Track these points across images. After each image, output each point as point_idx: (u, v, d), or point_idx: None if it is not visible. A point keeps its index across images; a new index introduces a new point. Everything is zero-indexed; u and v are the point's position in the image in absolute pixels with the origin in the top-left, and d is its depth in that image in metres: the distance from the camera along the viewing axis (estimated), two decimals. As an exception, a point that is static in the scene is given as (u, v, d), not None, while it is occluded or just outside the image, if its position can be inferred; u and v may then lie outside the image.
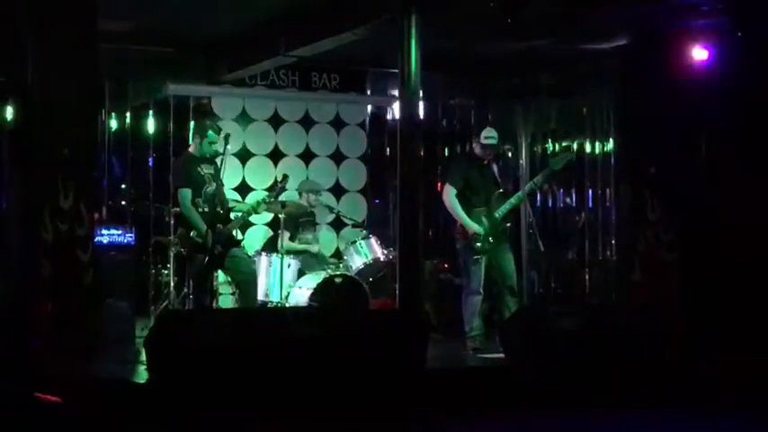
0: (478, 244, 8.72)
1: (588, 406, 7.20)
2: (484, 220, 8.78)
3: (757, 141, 9.11)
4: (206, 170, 8.49)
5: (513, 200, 8.89)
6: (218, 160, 8.55)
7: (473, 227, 8.74)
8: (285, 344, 6.73)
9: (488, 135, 8.93)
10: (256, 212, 9.01)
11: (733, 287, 8.94)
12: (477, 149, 9.03)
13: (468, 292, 8.83)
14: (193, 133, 8.72)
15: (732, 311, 8.79)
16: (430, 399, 7.07)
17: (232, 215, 8.70)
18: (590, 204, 11.71)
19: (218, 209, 8.47)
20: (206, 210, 8.35)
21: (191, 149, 8.67)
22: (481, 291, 8.78)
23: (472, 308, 8.77)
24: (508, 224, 8.92)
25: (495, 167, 9.06)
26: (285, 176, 9.22)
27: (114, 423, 6.30)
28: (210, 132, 8.53)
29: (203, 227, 8.20)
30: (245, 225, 10.15)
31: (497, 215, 8.81)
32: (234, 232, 8.67)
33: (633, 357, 7.74)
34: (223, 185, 8.76)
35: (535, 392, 7.35)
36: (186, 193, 8.35)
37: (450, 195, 8.87)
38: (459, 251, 8.95)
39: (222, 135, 8.57)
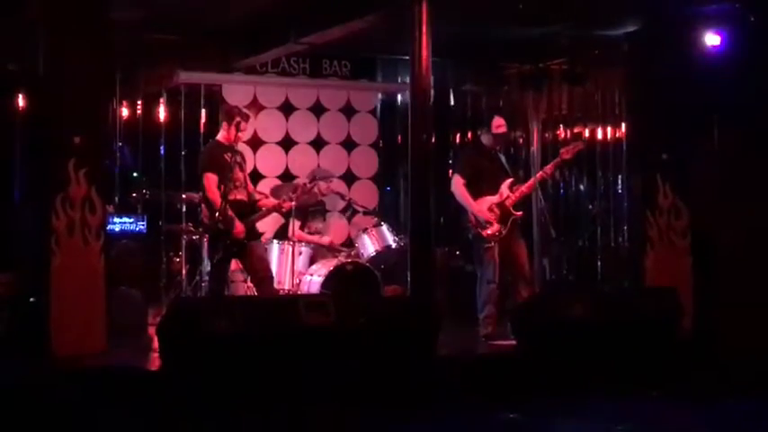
0: (488, 232, 8.71)
1: (601, 392, 7.20)
2: (494, 208, 8.77)
3: (769, 127, 9.09)
4: (231, 158, 8.44)
5: (523, 188, 8.87)
6: (239, 147, 8.53)
7: (484, 216, 8.72)
8: (297, 332, 6.74)
9: (499, 124, 8.92)
10: (280, 211, 8.99)
11: (746, 272, 8.91)
12: (486, 139, 9.01)
13: (481, 280, 8.81)
14: (221, 120, 8.69)
15: (744, 296, 8.77)
16: (441, 386, 7.08)
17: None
18: (602, 191, 11.70)
19: (244, 197, 8.45)
20: (235, 198, 8.31)
21: (218, 136, 8.62)
22: (495, 279, 8.75)
23: (486, 296, 8.75)
24: (519, 212, 8.89)
25: (502, 156, 9.04)
26: (314, 179, 9.39)
27: (127, 410, 6.32)
28: (239, 118, 8.48)
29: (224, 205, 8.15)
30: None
31: (507, 204, 8.78)
32: (254, 225, 8.61)
33: (645, 343, 7.74)
34: (246, 175, 8.71)
35: (547, 379, 7.35)
36: (212, 178, 8.26)
37: (458, 185, 8.85)
38: (471, 241, 8.94)
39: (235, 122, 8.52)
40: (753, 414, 6.79)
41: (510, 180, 8.91)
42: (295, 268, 9.57)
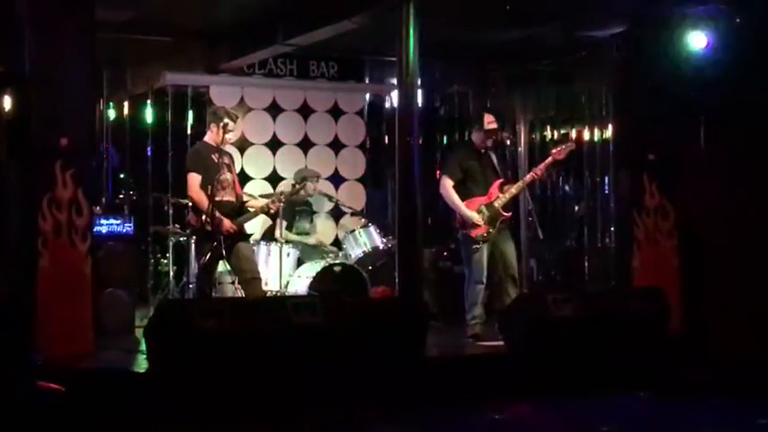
0: (477, 234, 8.71)
1: (587, 393, 7.21)
2: (483, 209, 8.76)
3: (755, 127, 9.10)
4: (220, 159, 8.42)
5: (513, 189, 8.87)
6: (227, 148, 8.51)
7: (472, 217, 8.71)
8: (285, 333, 6.73)
9: (490, 120, 8.91)
10: (268, 212, 8.98)
11: (732, 273, 8.94)
12: (477, 137, 9.00)
13: (470, 281, 8.80)
14: (208, 121, 8.67)
15: (731, 297, 8.79)
16: (430, 386, 7.08)
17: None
18: (588, 191, 11.72)
19: (232, 198, 8.43)
20: (223, 199, 8.28)
21: (206, 138, 8.60)
22: (484, 280, 8.75)
23: (474, 297, 8.75)
24: (508, 213, 8.90)
25: (494, 156, 9.03)
26: (304, 179, 9.39)
27: (114, 412, 6.30)
28: (226, 119, 8.47)
29: (206, 205, 8.12)
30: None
31: (497, 204, 8.79)
32: (242, 226, 8.58)
33: (632, 344, 7.76)
34: (234, 177, 8.67)
35: (534, 380, 7.36)
36: (195, 177, 8.26)
37: (447, 187, 8.83)
38: (460, 241, 8.94)
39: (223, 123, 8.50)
40: (741, 413, 6.81)
41: (500, 181, 8.90)
42: (283, 269, 9.56)
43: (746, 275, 8.86)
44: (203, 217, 8.11)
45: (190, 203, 8.44)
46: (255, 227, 10.02)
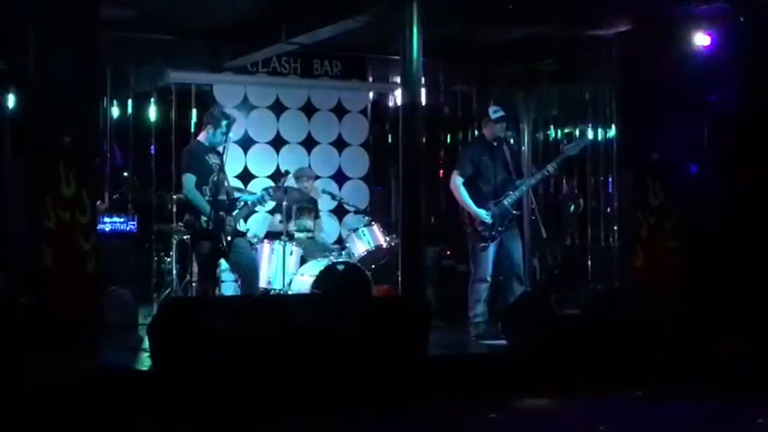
0: (486, 232, 8.70)
1: (588, 392, 7.22)
2: (493, 207, 8.75)
3: (759, 126, 9.11)
4: (213, 159, 8.45)
5: (523, 187, 8.86)
6: (220, 149, 8.53)
7: (480, 215, 8.71)
8: (288, 331, 6.74)
9: (496, 109, 8.90)
10: (262, 205, 9.00)
11: (735, 273, 8.94)
12: (488, 131, 8.97)
13: (475, 278, 8.80)
14: (204, 122, 8.68)
15: (732, 297, 8.79)
16: (432, 385, 7.08)
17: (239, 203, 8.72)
18: (592, 190, 11.71)
19: (224, 198, 8.45)
20: (212, 198, 8.31)
21: (200, 137, 8.61)
22: (488, 278, 8.76)
23: (478, 294, 8.75)
24: (517, 212, 8.89)
25: (506, 151, 8.99)
26: (286, 172, 9.40)
27: (117, 410, 6.31)
28: (224, 121, 8.48)
29: (208, 208, 8.15)
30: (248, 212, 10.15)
31: (507, 203, 8.78)
32: (238, 223, 8.62)
33: (633, 343, 7.76)
34: (227, 176, 8.71)
35: (537, 378, 7.37)
36: (191, 178, 8.27)
37: (457, 183, 8.83)
38: (468, 238, 8.93)
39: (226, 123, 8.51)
40: (741, 413, 6.81)
41: (510, 178, 8.89)
42: (286, 268, 9.56)
43: (748, 275, 8.86)
44: (202, 217, 8.15)
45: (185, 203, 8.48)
46: (260, 225, 10.06)
